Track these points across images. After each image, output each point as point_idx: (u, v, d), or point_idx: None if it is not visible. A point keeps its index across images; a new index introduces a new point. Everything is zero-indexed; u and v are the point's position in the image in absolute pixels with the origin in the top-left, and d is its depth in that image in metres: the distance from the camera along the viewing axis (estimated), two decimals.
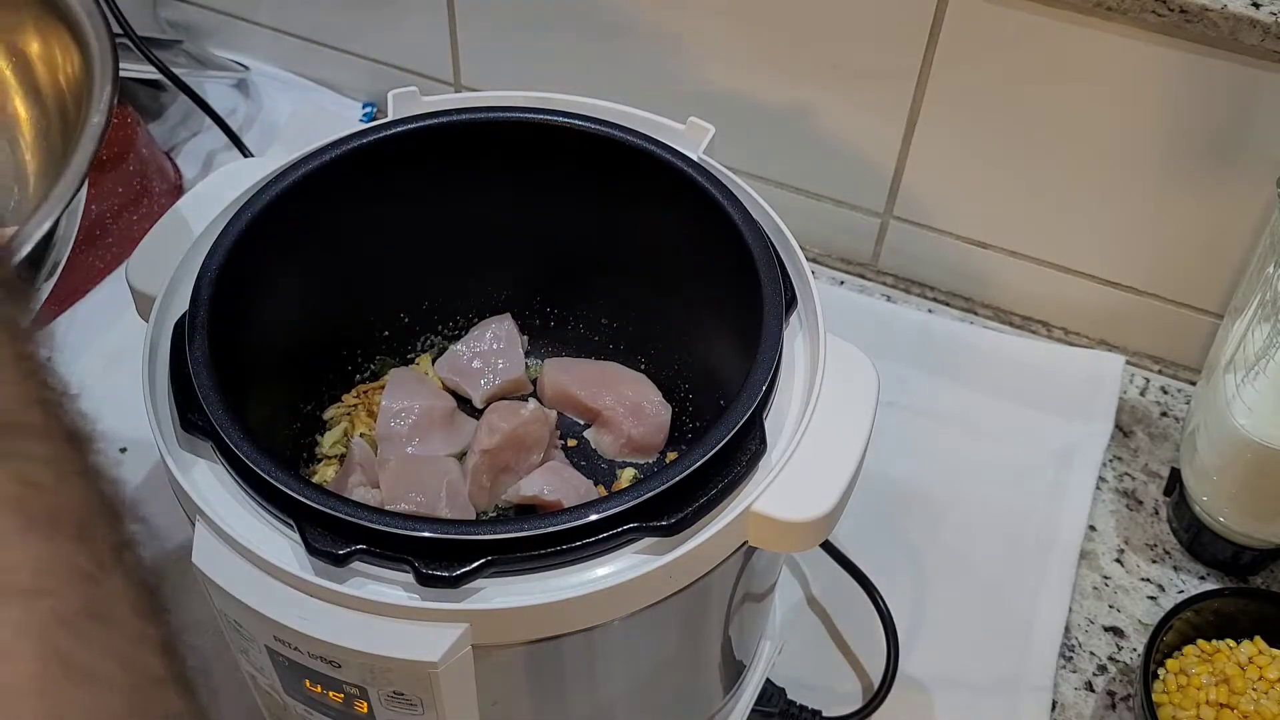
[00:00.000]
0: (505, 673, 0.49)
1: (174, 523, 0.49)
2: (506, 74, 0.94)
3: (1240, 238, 0.77)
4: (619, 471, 0.66)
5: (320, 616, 0.45)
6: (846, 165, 0.87)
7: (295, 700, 0.50)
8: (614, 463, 0.67)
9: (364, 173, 0.60)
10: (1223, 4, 0.68)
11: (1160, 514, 0.78)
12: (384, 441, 0.65)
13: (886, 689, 0.68)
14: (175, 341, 0.52)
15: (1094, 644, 0.72)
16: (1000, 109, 0.79)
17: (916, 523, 0.77)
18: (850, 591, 0.72)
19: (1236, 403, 0.67)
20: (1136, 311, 0.85)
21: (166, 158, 0.96)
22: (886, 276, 0.92)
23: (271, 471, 0.47)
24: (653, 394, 0.67)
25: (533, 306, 0.71)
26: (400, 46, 0.97)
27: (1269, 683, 0.65)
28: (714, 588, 0.52)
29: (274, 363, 0.62)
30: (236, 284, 0.55)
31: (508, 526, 0.46)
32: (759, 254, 0.55)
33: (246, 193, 0.58)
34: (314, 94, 1.02)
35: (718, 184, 0.58)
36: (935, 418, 0.82)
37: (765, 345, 0.52)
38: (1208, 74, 0.71)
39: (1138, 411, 0.83)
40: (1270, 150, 0.73)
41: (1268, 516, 0.70)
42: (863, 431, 0.51)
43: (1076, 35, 0.73)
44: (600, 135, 0.60)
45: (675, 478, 0.47)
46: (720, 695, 0.62)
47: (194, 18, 1.03)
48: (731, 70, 0.85)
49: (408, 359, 0.71)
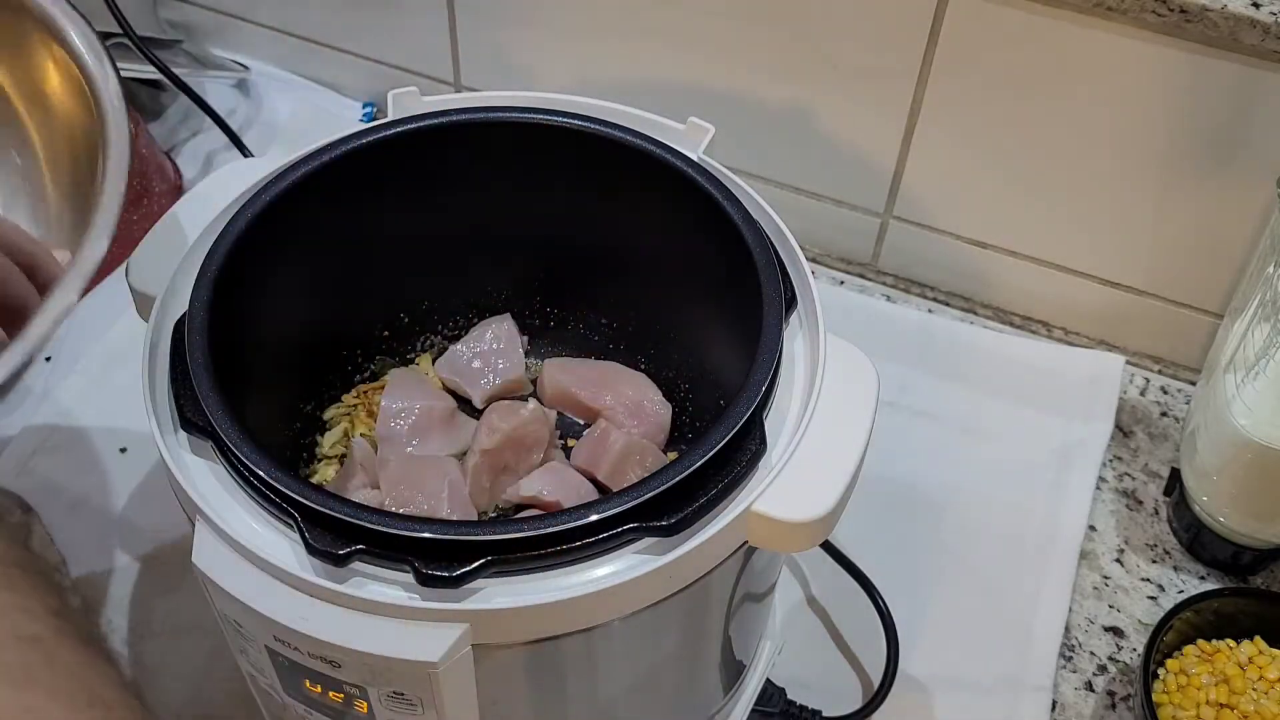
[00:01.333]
0: (505, 673, 0.49)
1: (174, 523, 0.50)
2: (506, 74, 0.94)
3: (1240, 238, 0.77)
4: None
5: (320, 616, 0.45)
6: (846, 165, 0.87)
7: (295, 700, 0.50)
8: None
9: (364, 172, 0.60)
10: (1223, 4, 0.68)
11: (1160, 514, 0.78)
12: (384, 441, 0.65)
13: (886, 689, 0.68)
14: (175, 341, 0.52)
15: (1094, 644, 0.72)
16: (1000, 109, 0.79)
17: (916, 523, 0.77)
18: (850, 591, 0.72)
19: (1236, 403, 0.67)
20: (1136, 311, 0.85)
21: (166, 158, 0.96)
22: (886, 276, 0.92)
23: (271, 471, 0.47)
24: (653, 394, 0.67)
25: (533, 306, 0.71)
26: (400, 46, 0.97)
27: (1269, 683, 0.65)
28: (714, 588, 0.52)
29: (274, 363, 0.62)
30: (236, 284, 0.55)
31: (508, 526, 0.46)
32: (759, 254, 0.55)
33: (246, 193, 0.58)
34: (314, 94, 1.02)
35: (718, 184, 0.58)
36: (935, 418, 0.82)
37: (765, 345, 0.52)
38: (1208, 74, 0.71)
39: (1138, 411, 0.83)
40: (1270, 150, 0.73)
41: (1268, 516, 0.70)
42: (863, 431, 0.51)
43: (1076, 35, 0.73)
44: (600, 135, 0.60)
45: (675, 478, 0.47)
46: (720, 695, 0.62)
47: (194, 18, 1.03)
48: (731, 70, 0.85)
49: (408, 359, 0.71)
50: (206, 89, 0.99)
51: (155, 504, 0.75)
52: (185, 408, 0.50)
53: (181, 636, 0.70)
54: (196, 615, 0.70)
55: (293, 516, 0.46)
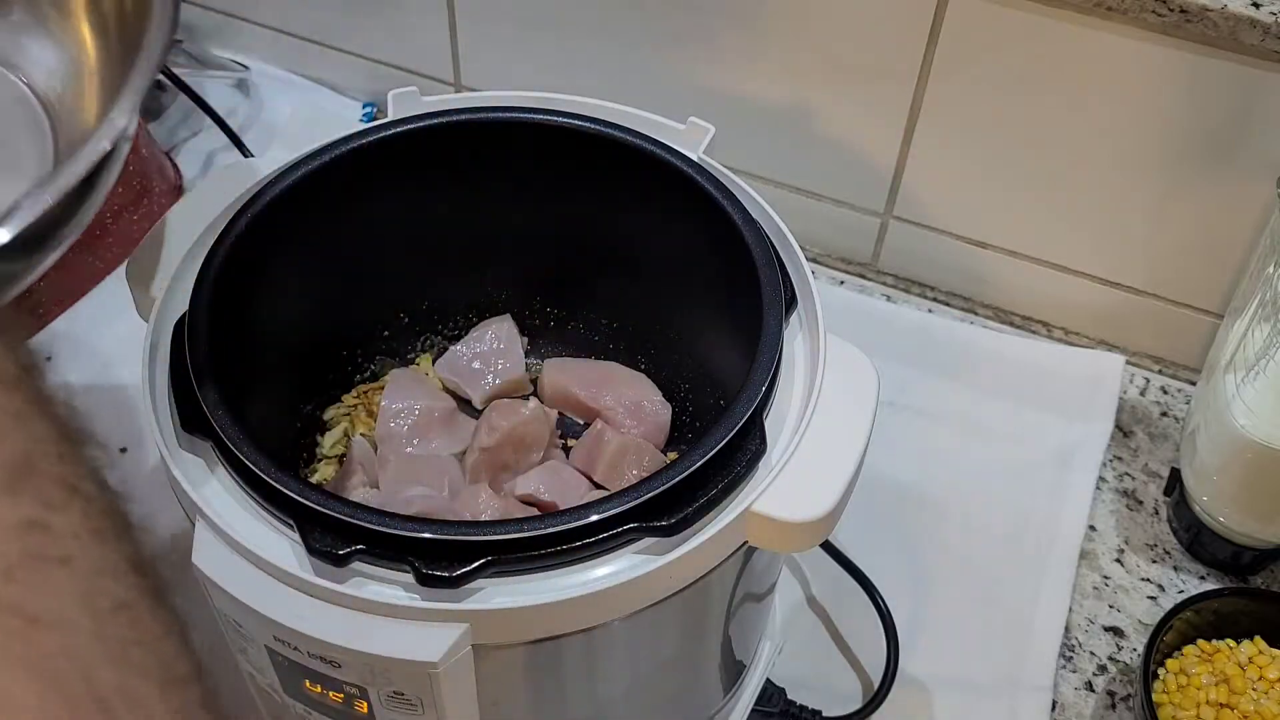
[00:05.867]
0: (505, 673, 0.49)
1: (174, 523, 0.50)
2: (506, 74, 0.94)
3: (1240, 238, 0.77)
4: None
5: (320, 616, 0.45)
6: (846, 165, 0.87)
7: (295, 700, 0.50)
8: None
9: (364, 173, 0.60)
10: (1223, 4, 0.68)
11: (1160, 514, 0.78)
12: (384, 441, 0.65)
13: (886, 689, 0.68)
14: (175, 341, 0.52)
15: (1094, 644, 0.72)
16: (1000, 109, 0.79)
17: (916, 523, 0.77)
18: (850, 591, 0.72)
19: (1236, 403, 0.67)
20: (1136, 311, 0.85)
21: (166, 158, 0.96)
22: (886, 276, 0.92)
23: (271, 472, 0.47)
24: (653, 394, 0.67)
25: (533, 306, 0.71)
26: (400, 46, 0.97)
27: (1269, 683, 0.65)
28: (714, 588, 0.52)
29: (274, 363, 0.62)
30: (236, 284, 0.55)
31: (508, 526, 0.46)
32: (759, 254, 0.55)
33: (246, 193, 0.58)
34: (314, 94, 1.02)
35: (718, 184, 0.58)
36: (935, 418, 0.82)
37: (765, 345, 0.52)
38: (1208, 74, 0.71)
39: (1138, 411, 0.83)
40: (1270, 150, 0.73)
41: (1268, 516, 0.70)
42: (863, 431, 0.51)
43: (1076, 35, 0.73)
44: (600, 135, 0.60)
45: (675, 478, 0.47)
46: (720, 695, 0.62)
47: (194, 18, 1.03)
48: (731, 70, 0.85)
49: (408, 359, 0.71)
50: (206, 89, 0.99)
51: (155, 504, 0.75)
52: (185, 408, 0.50)
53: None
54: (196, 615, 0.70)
55: (293, 516, 0.46)
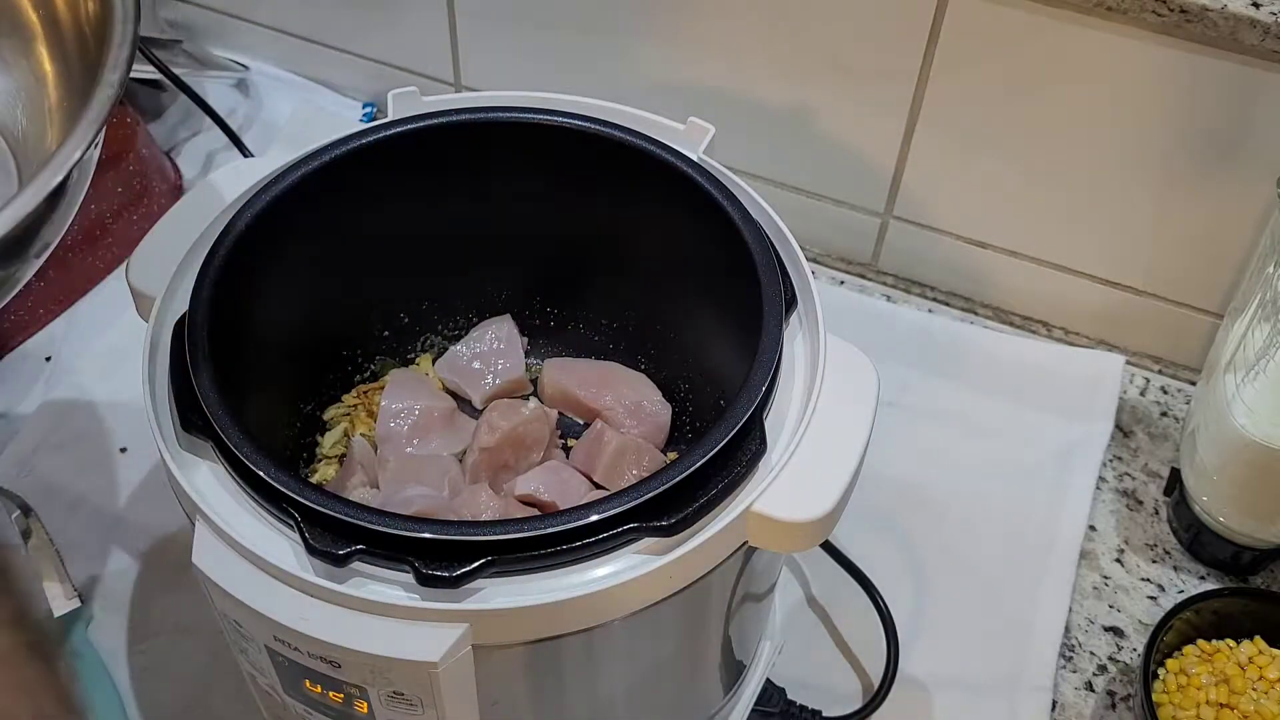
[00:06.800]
0: (505, 673, 0.49)
1: (174, 522, 0.50)
2: (506, 74, 0.94)
3: (1240, 238, 0.77)
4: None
5: (320, 616, 0.45)
6: (846, 165, 0.87)
7: (295, 700, 0.50)
8: None
9: (364, 173, 0.60)
10: (1223, 4, 0.68)
11: (1160, 514, 0.78)
12: (384, 442, 0.65)
13: (886, 689, 0.68)
14: (175, 341, 0.52)
15: (1094, 644, 0.72)
16: (1000, 109, 0.79)
17: (916, 523, 0.77)
18: (850, 591, 0.72)
19: (1236, 403, 0.67)
20: (1136, 311, 0.85)
21: (166, 158, 0.96)
22: (886, 276, 0.92)
23: (271, 472, 0.47)
24: (653, 394, 0.67)
25: (533, 306, 0.71)
26: (400, 46, 0.97)
27: (1269, 683, 0.65)
28: (714, 588, 0.52)
29: (274, 363, 0.62)
30: (236, 284, 0.55)
31: (508, 526, 0.46)
32: (759, 254, 0.55)
33: (246, 193, 0.58)
34: (314, 94, 1.02)
35: (718, 184, 0.58)
36: (935, 418, 0.82)
37: (765, 345, 0.52)
38: (1208, 74, 0.71)
39: (1138, 411, 0.83)
40: (1270, 150, 0.73)
41: (1268, 516, 0.70)
42: (863, 432, 0.51)
43: (1076, 35, 0.73)
44: (600, 135, 0.60)
45: (675, 478, 0.47)
46: (720, 695, 0.62)
47: (194, 18, 1.03)
48: (731, 70, 0.85)
49: (408, 359, 0.71)
50: (206, 89, 0.99)
51: (155, 504, 0.75)
52: (185, 408, 0.50)
53: (181, 636, 0.70)
54: (196, 615, 0.70)
55: (293, 516, 0.46)
